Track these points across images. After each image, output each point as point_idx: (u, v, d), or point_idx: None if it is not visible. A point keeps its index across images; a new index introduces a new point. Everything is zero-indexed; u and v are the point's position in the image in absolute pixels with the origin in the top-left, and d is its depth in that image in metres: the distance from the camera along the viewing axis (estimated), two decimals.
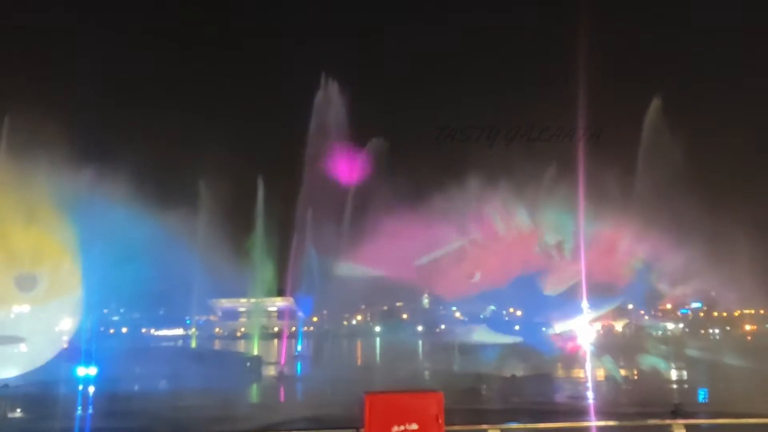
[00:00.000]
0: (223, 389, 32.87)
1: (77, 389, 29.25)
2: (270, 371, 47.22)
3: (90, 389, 29.61)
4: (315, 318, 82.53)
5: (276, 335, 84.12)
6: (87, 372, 30.98)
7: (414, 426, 11.75)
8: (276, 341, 76.91)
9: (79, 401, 27.59)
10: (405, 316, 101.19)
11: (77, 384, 29.98)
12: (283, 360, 55.10)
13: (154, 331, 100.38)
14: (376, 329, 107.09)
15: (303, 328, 74.36)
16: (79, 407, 26.92)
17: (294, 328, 77.31)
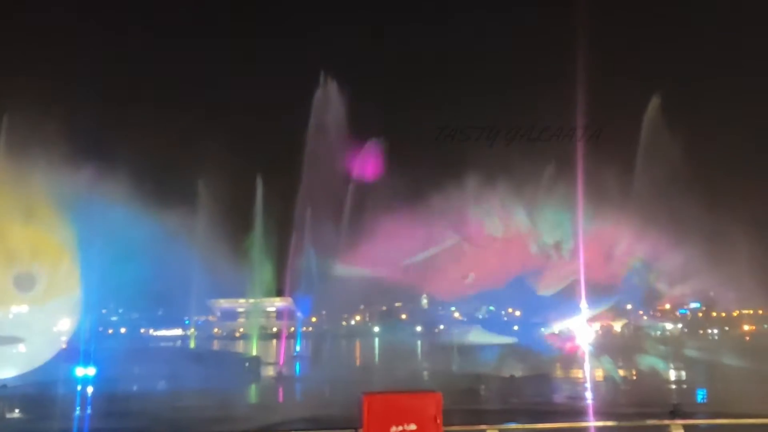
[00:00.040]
0: (222, 390, 32.87)
1: (76, 390, 29.22)
2: (269, 372, 47.19)
3: (89, 389, 29.59)
4: (314, 318, 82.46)
5: (275, 335, 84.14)
6: (86, 372, 30.95)
7: (412, 426, 11.74)
8: (275, 342, 76.94)
9: (78, 402, 27.58)
10: (404, 316, 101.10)
11: (76, 384, 29.94)
12: (282, 360, 55.07)
13: (152, 332, 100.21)
14: (374, 329, 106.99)
15: (302, 328, 74.23)
16: (78, 408, 26.92)
17: (293, 328, 77.28)
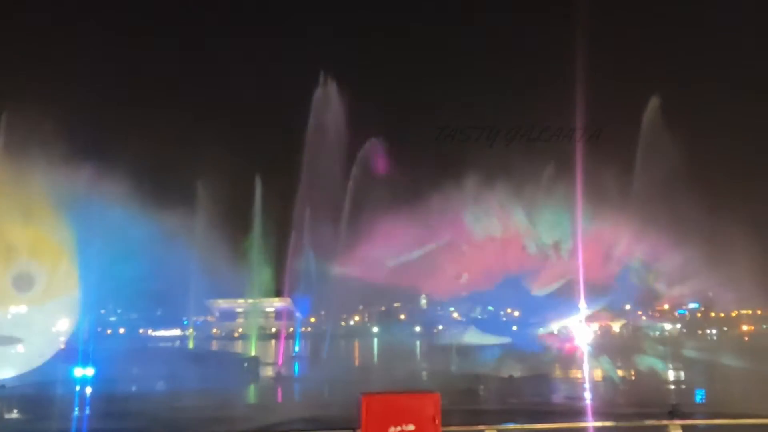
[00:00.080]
0: (221, 390, 32.85)
1: (74, 390, 29.21)
2: (267, 372, 47.15)
3: (87, 390, 29.56)
4: (313, 319, 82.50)
5: (274, 336, 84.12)
6: (84, 373, 30.92)
7: (411, 427, 11.75)
8: (273, 342, 76.92)
9: (77, 402, 27.56)
10: (402, 316, 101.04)
11: (74, 385, 29.93)
12: (281, 361, 55.05)
13: (151, 332, 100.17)
14: (373, 330, 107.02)
15: (301, 328, 74.21)
16: (77, 408, 26.89)
17: (291, 328, 77.25)
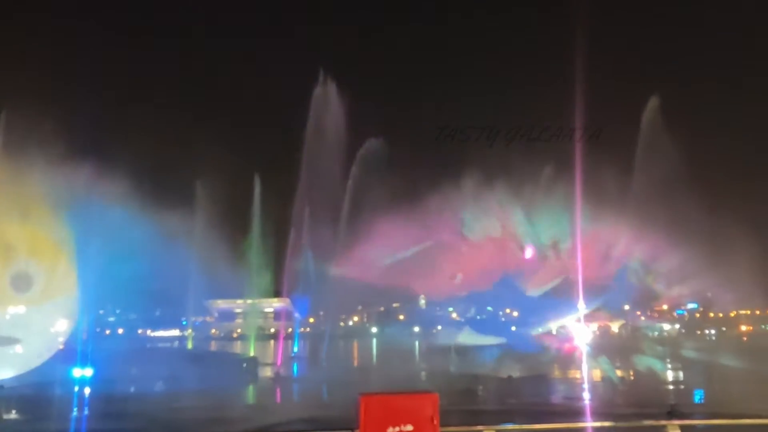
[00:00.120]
0: (220, 390, 32.81)
1: (73, 390, 29.18)
2: (266, 372, 47.11)
3: (86, 390, 29.54)
4: (311, 319, 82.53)
5: (272, 336, 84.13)
6: (83, 373, 30.89)
7: (409, 427, 11.75)
8: (272, 342, 76.93)
9: (75, 403, 27.54)
10: (401, 317, 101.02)
11: (73, 385, 29.90)
12: (280, 361, 55.00)
13: (150, 332, 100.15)
14: (372, 330, 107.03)
15: (299, 329, 74.22)
16: (75, 409, 26.87)
17: (290, 329, 77.22)
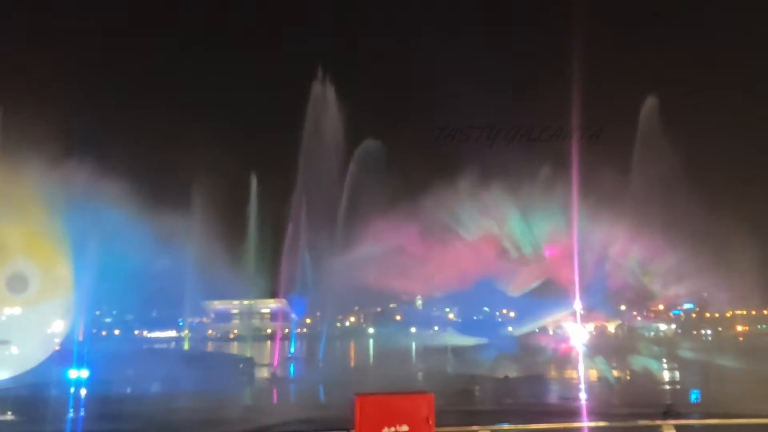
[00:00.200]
0: (216, 391, 32.75)
1: (69, 392, 29.10)
2: (263, 373, 47.09)
3: (82, 392, 29.46)
4: (308, 320, 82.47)
5: (269, 337, 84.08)
6: (79, 374, 30.78)
7: (404, 427, 11.77)
8: (269, 343, 76.92)
9: (71, 404, 27.45)
10: (398, 317, 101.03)
11: (69, 386, 29.81)
12: (276, 362, 54.98)
13: (146, 333, 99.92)
14: (369, 330, 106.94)
15: (296, 329, 74.20)
16: (71, 410, 26.77)
17: (287, 329, 77.16)
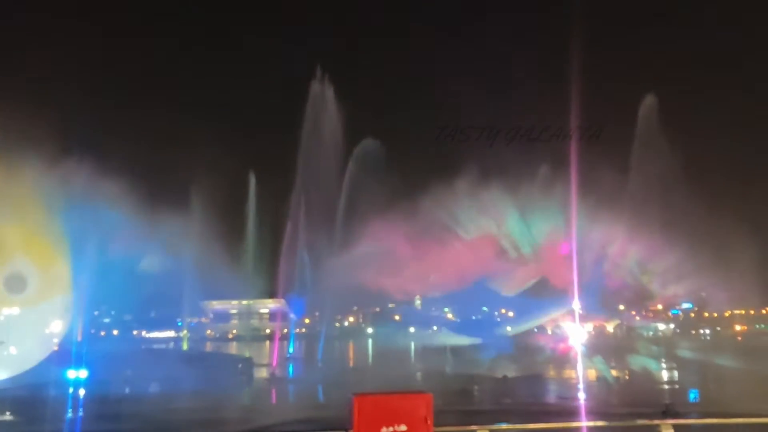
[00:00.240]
0: (215, 391, 32.74)
1: (67, 392, 29.12)
2: (262, 373, 47.07)
3: (80, 392, 29.49)
4: (307, 320, 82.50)
5: (268, 337, 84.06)
6: (77, 374, 30.87)
7: (403, 427, 11.77)
8: (268, 343, 76.88)
9: (70, 404, 27.47)
10: (397, 317, 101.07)
11: (67, 387, 29.85)
12: (275, 362, 54.94)
13: (145, 333, 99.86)
14: (368, 330, 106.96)
15: (295, 329, 74.19)
16: (70, 410, 26.79)
17: (286, 329, 77.17)
